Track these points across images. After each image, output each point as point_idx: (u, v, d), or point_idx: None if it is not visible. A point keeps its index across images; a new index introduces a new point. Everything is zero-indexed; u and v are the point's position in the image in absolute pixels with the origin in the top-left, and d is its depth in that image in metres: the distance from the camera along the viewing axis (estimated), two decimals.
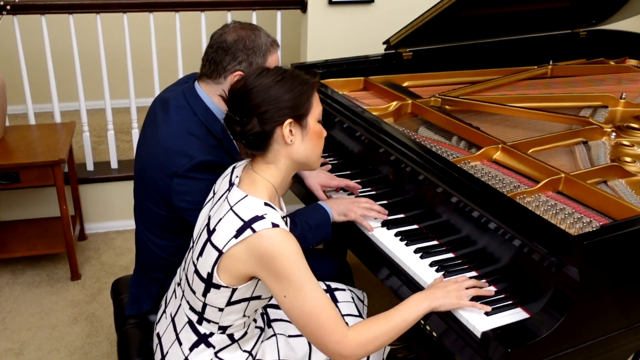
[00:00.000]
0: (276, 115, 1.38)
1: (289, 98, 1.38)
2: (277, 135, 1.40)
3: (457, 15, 2.37)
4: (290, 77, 1.40)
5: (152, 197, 1.73)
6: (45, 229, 3.04)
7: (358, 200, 1.80)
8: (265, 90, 1.37)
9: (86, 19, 3.31)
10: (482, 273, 1.56)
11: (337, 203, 1.79)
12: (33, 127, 3.06)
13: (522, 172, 1.78)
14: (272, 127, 1.39)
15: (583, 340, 1.38)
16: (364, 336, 1.37)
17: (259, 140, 1.40)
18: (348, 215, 1.76)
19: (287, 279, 1.32)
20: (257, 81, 1.38)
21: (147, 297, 1.86)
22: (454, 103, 2.26)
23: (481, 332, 1.36)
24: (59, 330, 2.59)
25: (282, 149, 1.42)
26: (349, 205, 1.77)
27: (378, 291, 2.77)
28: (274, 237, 1.32)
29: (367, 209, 1.77)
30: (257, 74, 1.40)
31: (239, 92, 1.39)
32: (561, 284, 1.32)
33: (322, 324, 1.34)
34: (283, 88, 1.38)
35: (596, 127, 2.04)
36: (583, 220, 1.53)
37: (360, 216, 1.76)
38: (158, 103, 1.79)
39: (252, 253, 1.33)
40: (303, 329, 1.36)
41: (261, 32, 1.73)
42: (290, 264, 1.32)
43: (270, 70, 1.41)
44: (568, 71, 2.68)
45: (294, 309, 1.34)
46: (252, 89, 1.38)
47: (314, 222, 1.74)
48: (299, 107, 1.40)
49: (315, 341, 1.36)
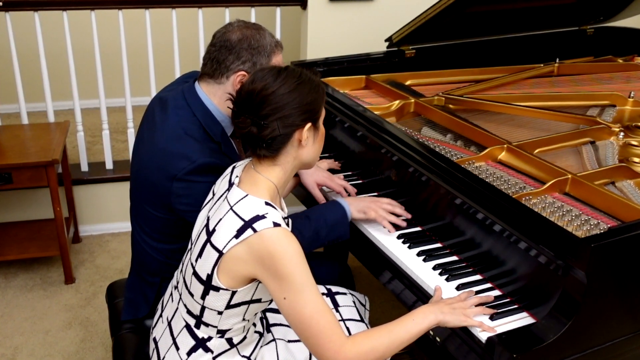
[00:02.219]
0: (298, 119, 1.39)
1: (309, 101, 1.40)
2: (294, 138, 1.41)
3: (461, 11, 2.37)
4: (308, 80, 1.41)
5: (150, 200, 1.73)
6: (39, 231, 3.04)
7: (380, 199, 1.79)
8: (289, 94, 1.37)
9: (80, 16, 3.31)
10: (486, 277, 1.56)
11: (357, 200, 1.78)
12: (26, 127, 3.06)
13: (528, 173, 1.78)
14: (292, 131, 1.40)
15: (590, 346, 1.38)
16: (363, 347, 1.36)
17: (276, 143, 1.40)
18: (368, 214, 1.75)
19: (288, 280, 1.32)
20: (279, 84, 1.37)
21: (143, 302, 1.86)
22: (458, 102, 2.26)
23: (486, 337, 1.36)
24: (52, 335, 2.59)
25: (294, 151, 1.43)
26: (370, 203, 1.76)
27: (380, 295, 2.78)
28: (275, 236, 1.32)
29: (388, 210, 1.76)
30: (274, 75, 1.39)
31: (259, 94, 1.37)
32: (568, 288, 1.32)
33: (321, 329, 1.33)
34: (304, 91, 1.39)
35: (604, 127, 2.04)
36: (590, 223, 1.54)
37: (381, 216, 1.74)
38: (157, 102, 1.79)
39: (253, 253, 1.33)
40: (301, 333, 1.36)
41: (266, 32, 1.73)
42: (291, 264, 1.32)
43: (286, 72, 1.40)
44: (575, 69, 2.68)
45: (294, 311, 1.34)
46: (274, 92, 1.37)
47: (330, 219, 1.72)
48: (317, 110, 1.43)
49: (313, 347, 1.36)
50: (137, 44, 3.78)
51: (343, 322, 1.71)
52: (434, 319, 1.41)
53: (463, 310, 1.42)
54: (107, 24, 3.68)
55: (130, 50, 3.25)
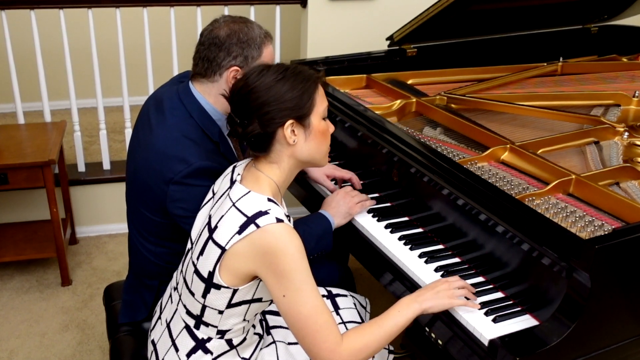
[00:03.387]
0: (277, 116, 1.39)
1: (290, 98, 1.39)
2: (279, 136, 1.41)
3: (464, 9, 2.37)
4: (292, 75, 1.41)
5: (146, 203, 1.73)
6: (35, 232, 3.04)
7: (346, 191, 1.84)
8: (266, 91, 1.38)
9: (77, 14, 3.32)
10: (489, 278, 1.56)
11: (335, 208, 1.80)
12: (22, 127, 3.06)
13: (531, 174, 1.78)
14: (274, 129, 1.40)
15: (595, 349, 1.38)
16: (357, 344, 1.38)
17: (261, 141, 1.41)
18: (352, 213, 1.81)
19: (288, 277, 1.33)
20: (258, 81, 1.39)
21: (141, 305, 1.86)
22: (461, 101, 2.26)
23: (489, 339, 1.36)
24: (49, 338, 2.59)
25: (285, 149, 1.43)
26: (346, 203, 1.81)
27: (381, 297, 2.77)
28: (278, 232, 1.33)
29: (358, 194, 1.84)
30: (257, 72, 1.41)
31: (240, 92, 1.40)
32: (572, 290, 1.32)
33: (319, 329, 1.35)
34: (284, 87, 1.39)
35: (608, 127, 2.04)
36: (594, 224, 1.54)
37: (360, 204, 1.82)
38: (151, 103, 1.79)
39: (255, 249, 1.34)
40: (298, 332, 1.38)
41: (254, 25, 1.72)
42: (292, 261, 1.33)
43: (271, 69, 1.42)
44: (579, 68, 2.68)
45: (292, 310, 1.35)
46: (252, 89, 1.38)
47: (317, 232, 1.75)
48: (300, 106, 1.41)
49: (308, 347, 1.38)
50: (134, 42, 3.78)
51: (344, 324, 1.71)
52: (418, 307, 1.44)
53: (447, 293, 1.45)
54: (105, 22, 3.69)
55: (127, 49, 3.25)
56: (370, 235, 1.77)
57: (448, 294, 1.44)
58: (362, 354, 1.39)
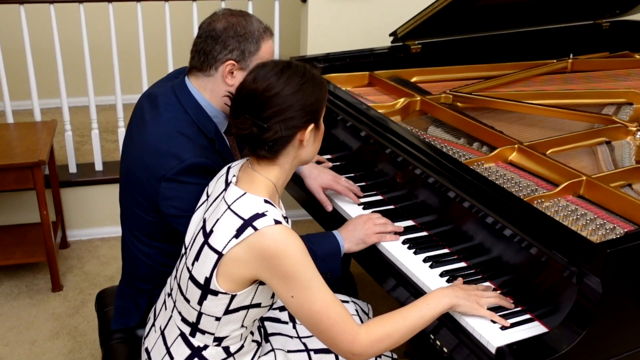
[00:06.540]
0: (301, 121, 1.40)
1: (313, 102, 1.41)
2: (296, 139, 1.43)
3: (470, 4, 2.37)
4: (311, 78, 1.43)
5: (139, 202, 1.73)
6: (24, 236, 3.05)
7: (371, 218, 1.77)
8: (293, 95, 1.38)
9: (68, 9, 3.32)
10: (496, 284, 1.56)
11: (350, 231, 1.75)
12: (11, 126, 3.07)
13: (540, 175, 1.78)
14: (295, 132, 1.41)
15: (606, 357, 1.39)
16: (377, 333, 1.40)
17: (278, 145, 1.41)
18: (367, 241, 1.74)
19: (294, 278, 1.34)
20: (282, 84, 1.38)
21: (135, 310, 1.86)
22: (467, 100, 2.27)
23: (496, 347, 1.37)
24: (39, 345, 2.59)
25: (295, 151, 1.45)
26: (364, 230, 1.74)
27: (384, 303, 2.77)
28: (277, 234, 1.34)
29: (382, 224, 1.76)
30: (277, 75, 1.39)
31: (262, 95, 1.38)
32: (582, 296, 1.33)
33: (334, 322, 1.37)
34: (307, 92, 1.41)
35: (620, 126, 2.04)
36: (606, 227, 1.54)
37: (379, 235, 1.74)
38: (145, 99, 1.79)
39: (255, 253, 1.35)
40: (313, 329, 1.40)
41: (252, 18, 1.72)
42: (295, 262, 1.34)
43: (290, 71, 1.41)
44: (589, 65, 2.68)
45: (303, 309, 1.37)
46: (278, 93, 1.38)
47: (320, 252, 1.70)
48: (319, 110, 1.45)
49: (327, 341, 1.41)
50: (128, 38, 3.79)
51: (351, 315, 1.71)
52: (448, 302, 1.44)
53: (477, 299, 1.45)
54: (97, 18, 3.69)
55: (120, 45, 3.26)
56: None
57: (479, 301, 1.46)
58: (383, 343, 1.40)
